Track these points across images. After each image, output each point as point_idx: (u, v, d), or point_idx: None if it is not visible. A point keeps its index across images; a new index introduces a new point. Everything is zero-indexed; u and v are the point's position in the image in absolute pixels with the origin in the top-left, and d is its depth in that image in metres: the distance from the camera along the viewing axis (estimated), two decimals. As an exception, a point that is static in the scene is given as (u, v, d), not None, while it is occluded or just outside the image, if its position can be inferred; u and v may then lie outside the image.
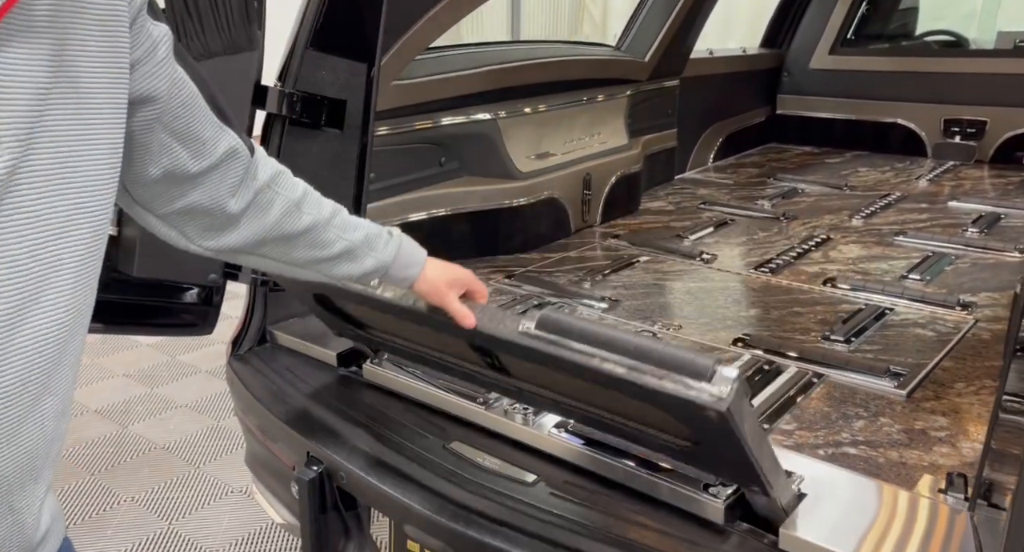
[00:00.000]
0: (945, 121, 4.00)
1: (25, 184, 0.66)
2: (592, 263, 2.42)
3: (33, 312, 0.68)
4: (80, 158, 0.71)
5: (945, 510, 1.20)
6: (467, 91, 2.36)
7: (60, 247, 0.70)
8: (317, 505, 1.55)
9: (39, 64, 0.67)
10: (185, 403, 3.32)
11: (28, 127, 0.66)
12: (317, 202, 1.03)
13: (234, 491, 2.72)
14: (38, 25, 0.67)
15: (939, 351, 1.77)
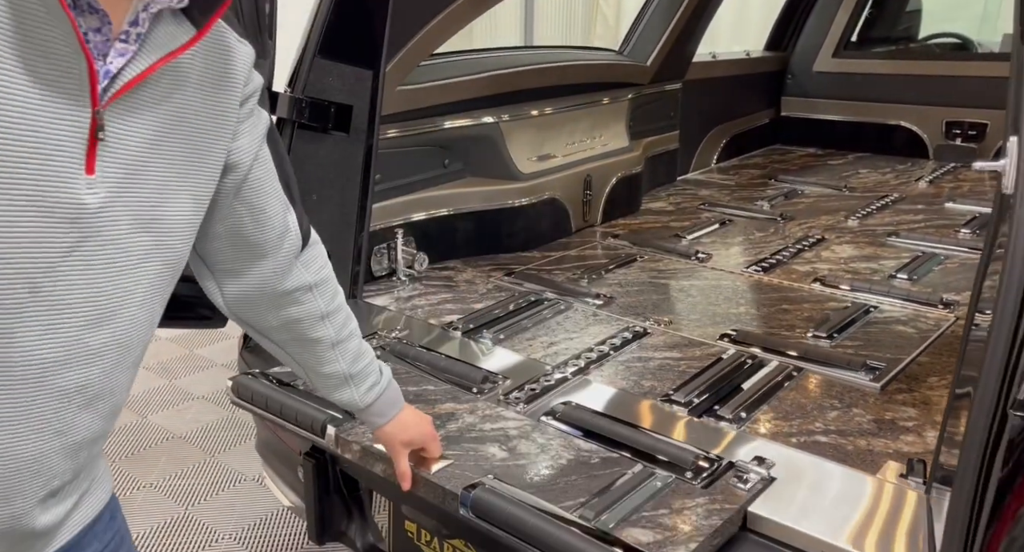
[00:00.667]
0: (947, 123, 4.04)
1: (118, 220, 0.77)
2: (591, 261, 2.51)
3: (103, 329, 0.79)
4: (169, 207, 0.83)
5: (904, 493, 1.29)
6: (470, 95, 2.45)
7: (136, 277, 0.81)
8: (321, 488, 1.65)
9: (154, 125, 0.80)
10: (201, 394, 3.45)
11: (131, 173, 0.78)
12: (339, 321, 1.12)
13: (247, 479, 2.83)
14: (160, 93, 0.80)
15: (917, 347, 1.85)
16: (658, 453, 1.39)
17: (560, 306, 2.11)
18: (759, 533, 1.25)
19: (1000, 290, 0.97)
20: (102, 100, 0.74)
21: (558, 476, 1.33)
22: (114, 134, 0.76)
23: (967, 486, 1.01)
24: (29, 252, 0.71)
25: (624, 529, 1.18)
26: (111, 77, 0.75)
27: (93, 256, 0.76)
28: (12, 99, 0.68)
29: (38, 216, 0.71)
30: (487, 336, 1.91)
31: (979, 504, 1.01)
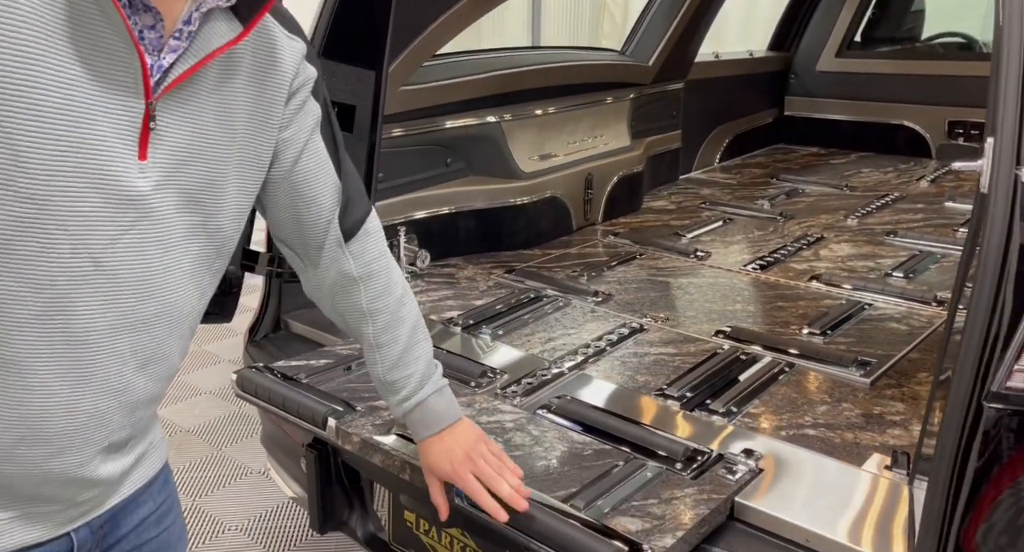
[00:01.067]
0: (950, 123, 4.06)
1: (168, 202, 0.84)
2: (591, 259, 2.54)
3: (154, 300, 0.86)
4: (217, 191, 0.89)
5: (887, 484, 1.32)
6: (472, 95, 2.49)
7: (182, 254, 0.88)
8: (323, 479, 1.70)
9: (203, 115, 0.86)
10: (209, 390, 3.50)
11: (181, 160, 0.84)
12: (382, 323, 1.13)
13: (253, 472, 2.89)
14: (210, 85, 0.86)
15: (908, 344, 1.88)
16: (649, 445, 1.43)
17: (559, 303, 2.15)
18: (746, 522, 1.28)
19: (975, 286, 1.00)
20: (155, 93, 0.80)
21: (551, 467, 1.37)
22: (165, 123, 0.82)
23: (943, 475, 1.04)
24: (92, 229, 0.78)
25: (614, 517, 1.22)
26: (163, 71, 0.81)
27: (146, 234, 0.83)
28: (73, 92, 0.74)
29: (98, 198, 0.78)
30: (486, 332, 1.95)
31: (954, 492, 1.04)
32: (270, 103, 0.93)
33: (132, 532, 0.98)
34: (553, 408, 1.57)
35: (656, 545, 1.15)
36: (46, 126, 0.73)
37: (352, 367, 1.73)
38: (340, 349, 1.82)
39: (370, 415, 1.53)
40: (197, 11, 0.81)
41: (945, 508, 1.04)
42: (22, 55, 0.71)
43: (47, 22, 0.72)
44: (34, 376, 0.80)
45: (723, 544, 1.25)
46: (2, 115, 0.71)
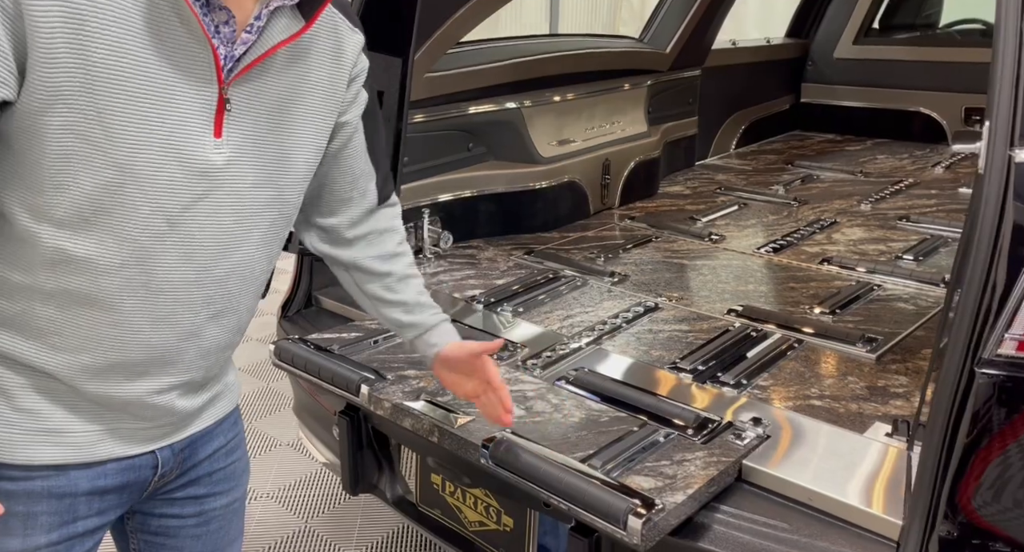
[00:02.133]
0: (966, 110, 4.08)
1: (243, 176, 0.96)
2: (607, 242, 2.62)
3: (226, 260, 0.98)
4: (286, 166, 1.02)
5: (888, 450, 1.40)
6: (494, 82, 2.57)
7: (255, 223, 1.00)
8: (354, 443, 1.80)
9: (273, 98, 0.98)
10: (239, 366, 3.62)
11: (253, 138, 0.96)
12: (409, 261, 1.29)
13: (282, 444, 3.01)
14: (278, 73, 0.98)
15: (915, 322, 1.95)
16: (662, 413, 1.51)
17: (576, 283, 2.23)
18: (753, 484, 1.37)
19: (970, 260, 1.08)
20: (226, 79, 0.93)
21: (570, 432, 1.46)
22: (238, 106, 0.95)
23: (936, 435, 1.12)
24: (169, 194, 0.91)
25: (628, 476, 1.31)
26: (235, 61, 0.93)
27: (220, 202, 0.96)
28: (154, 79, 0.88)
29: (177, 168, 0.91)
30: (507, 309, 2.05)
31: (947, 451, 1.12)
32: (333, 89, 1.06)
33: (207, 460, 1.14)
34: (571, 379, 1.66)
35: (668, 501, 1.24)
36: (131, 106, 0.87)
37: (379, 340, 1.83)
38: (369, 324, 1.92)
39: (400, 383, 1.62)
40: (266, 8, 0.94)
41: (938, 466, 1.12)
42: (111, 49, 0.85)
43: (133, 22, 0.86)
44: (119, 314, 0.94)
45: (731, 502, 1.34)
46: (95, 98, 0.85)
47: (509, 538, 1.61)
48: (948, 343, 1.11)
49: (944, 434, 1.11)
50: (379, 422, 1.74)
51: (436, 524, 1.76)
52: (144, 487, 1.08)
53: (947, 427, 1.11)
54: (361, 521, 2.58)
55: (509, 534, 1.61)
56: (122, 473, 1.04)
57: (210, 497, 1.16)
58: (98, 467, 1.01)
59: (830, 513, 1.28)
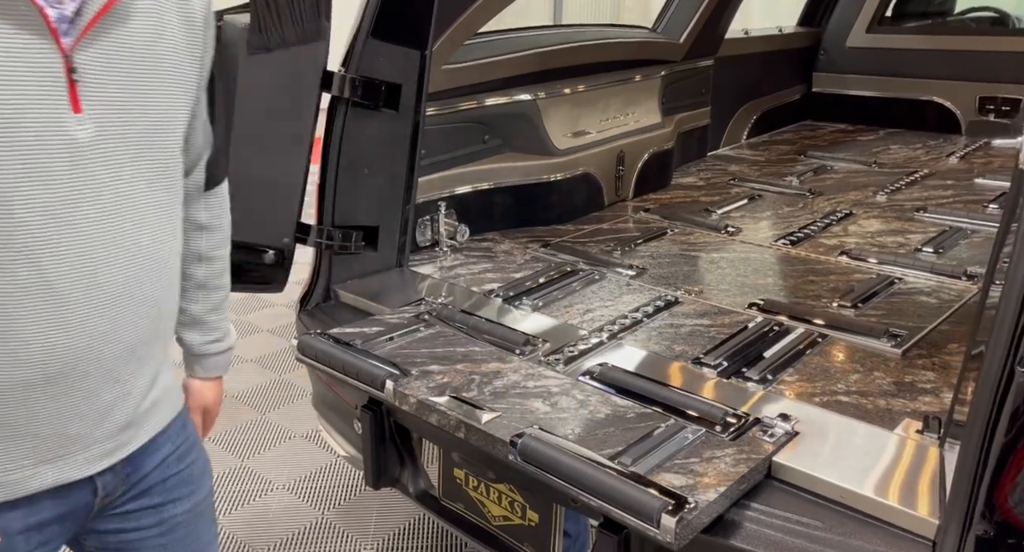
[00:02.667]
0: (980, 99, 4.05)
1: (114, 149, 0.89)
2: (623, 234, 2.61)
3: (119, 244, 0.91)
4: (160, 133, 0.94)
5: (919, 447, 1.39)
6: (509, 74, 2.55)
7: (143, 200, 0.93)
8: (377, 438, 1.80)
9: (129, 61, 0.90)
10: (251, 358, 3.63)
11: (118, 107, 0.89)
12: (215, 270, 1.23)
13: (296, 436, 3.02)
14: (128, 32, 0.89)
15: (938, 316, 1.94)
16: (689, 409, 1.51)
17: (595, 276, 2.22)
18: (782, 481, 1.36)
19: (1012, 258, 1.06)
20: (68, 45, 0.84)
21: (596, 428, 1.45)
22: (91, 73, 0.86)
23: (976, 435, 1.11)
24: (38, 183, 0.83)
25: (659, 474, 1.30)
26: (69, 22, 0.84)
27: (97, 183, 0.88)
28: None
29: (39, 153, 0.83)
30: (527, 303, 2.04)
31: (985, 451, 1.11)
32: (191, 42, 0.98)
33: (155, 470, 1.07)
34: (595, 374, 1.65)
35: (700, 499, 1.23)
36: None
37: (399, 335, 1.82)
38: (389, 318, 1.91)
39: (424, 379, 1.62)
40: None
41: (977, 465, 1.11)
42: None
43: None
44: (16, 322, 0.85)
45: (761, 500, 1.33)
46: None
47: (534, 533, 1.61)
48: (989, 342, 1.10)
49: (984, 433, 1.10)
50: (402, 417, 1.73)
51: (459, 518, 1.76)
52: (88, 512, 1.01)
53: (987, 426, 1.10)
54: (377, 513, 2.59)
55: (534, 529, 1.61)
56: (58, 504, 0.96)
57: (168, 505, 1.09)
58: (30, 504, 0.93)
59: (863, 511, 1.27)
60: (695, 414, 1.49)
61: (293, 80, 1.96)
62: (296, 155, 2.00)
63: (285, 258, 2.09)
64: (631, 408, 1.52)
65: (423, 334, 1.83)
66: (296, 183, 2.03)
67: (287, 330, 3.86)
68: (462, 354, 1.73)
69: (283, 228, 2.05)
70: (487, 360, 1.71)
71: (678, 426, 1.45)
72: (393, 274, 2.24)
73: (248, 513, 2.58)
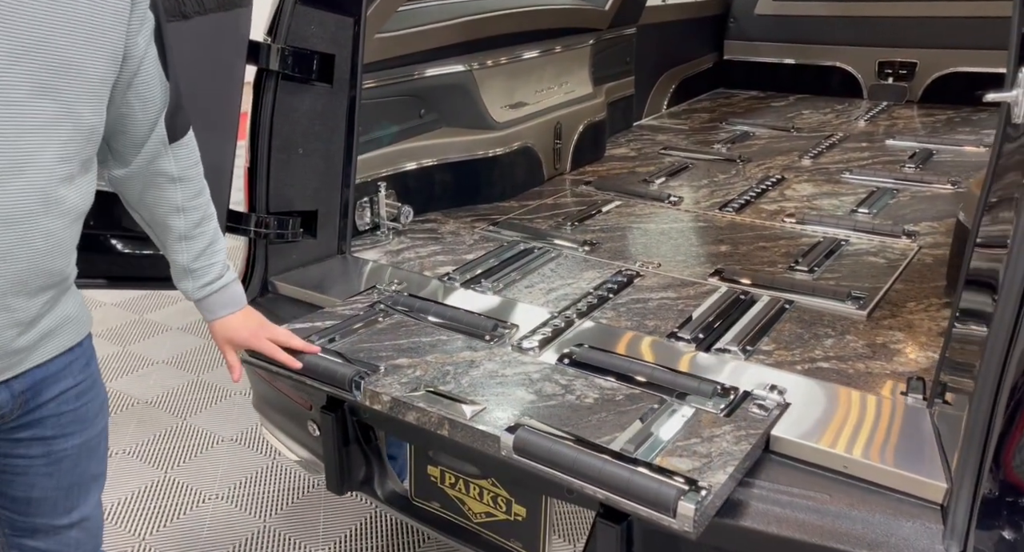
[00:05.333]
0: (879, 63, 4.21)
1: (16, 86, 0.92)
2: (568, 209, 2.54)
3: (18, 180, 0.95)
4: (70, 77, 0.97)
5: (908, 409, 1.40)
6: (445, 42, 2.41)
7: (42, 140, 0.96)
8: (340, 440, 1.66)
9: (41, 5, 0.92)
10: (161, 359, 3.35)
11: (25, 46, 0.91)
12: (193, 219, 1.29)
13: (225, 439, 2.80)
14: None
15: (891, 276, 1.97)
16: (678, 387, 1.46)
17: (550, 254, 2.14)
18: (782, 454, 1.34)
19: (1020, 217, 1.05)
20: None
21: (588, 414, 1.38)
22: None
23: (986, 397, 1.11)
24: None
25: (664, 458, 1.24)
26: None
27: None
28: None
29: None
30: (486, 285, 1.93)
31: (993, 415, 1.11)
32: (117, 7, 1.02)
33: (52, 401, 1.13)
34: (574, 357, 1.58)
35: (712, 482, 1.18)
36: None
37: (359, 326, 1.68)
38: (342, 310, 1.77)
39: (394, 374, 1.50)
40: None
41: (986, 429, 1.11)
42: None
43: None
44: None
45: (764, 476, 1.30)
46: None
47: (521, 528, 1.53)
48: (997, 305, 1.09)
49: (994, 394, 1.10)
50: (369, 416, 1.60)
51: (435, 518, 1.66)
52: None
53: (997, 388, 1.10)
54: (325, 515, 2.44)
55: (521, 523, 1.53)
56: None
57: (59, 438, 1.15)
58: None
59: (868, 479, 1.26)
60: (685, 391, 1.44)
61: (214, 52, 1.76)
62: (221, 135, 1.80)
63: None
64: (618, 390, 1.46)
65: (383, 325, 1.70)
66: (223, 166, 1.83)
67: (200, 327, 3.59)
68: (430, 344, 1.61)
69: (212, 217, 1.85)
70: (458, 349, 1.60)
71: (671, 406, 1.40)
72: (335, 261, 2.08)
73: (177, 530, 2.37)
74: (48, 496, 1.18)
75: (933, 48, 4.05)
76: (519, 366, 1.54)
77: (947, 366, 1.35)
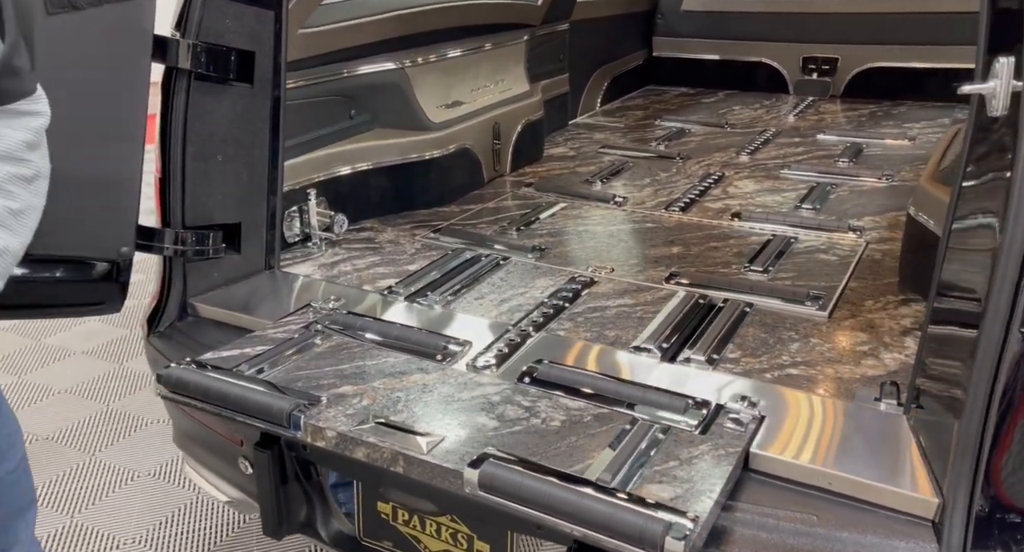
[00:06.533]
0: (803, 59, 4.27)
1: None
2: (512, 213, 2.42)
3: None
4: None
5: (884, 416, 1.34)
6: (374, 38, 2.25)
7: None
8: (277, 479, 1.50)
9: None
10: (64, 389, 3.06)
11: None
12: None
13: (142, 475, 2.56)
14: None
15: (844, 273, 1.94)
16: (647, 404, 1.36)
17: (498, 261, 2.02)
18: (763, 472, 1.26)
19: (1011, 212, 0.99)
20: None
21: (556, 439, 1.27)
22: None
23: (979, 405, 1.05)
24: None
25: (643, 486, 1.15)
26: None
27: None
28: None
29: None
30: (433, 298, 1.80)
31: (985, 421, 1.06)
32: None
33: None
34: (535, 375, 1.46)
35: (697, 510, 1.09)
36: None
37: (286, 356, 1.52)
38: (273, 333, 1.60)
39: (338, 404, 1.35)
40: None
41: (979, 442, 1.05)
42: None
43: None
44: None
45: (745, 498, 1.22)
46: None
47: (484, 565, 1.41)
48: (987, 306, 1.03)
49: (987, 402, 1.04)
50: (311, 453, 1.45)
51: (388, 558, 1.52)
52: None
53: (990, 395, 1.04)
54: (260, 551, 2.25)
55: (484, 560, 1.41)
56: None
57: None
58: None
59: (854, 497, 1.19)
60: (655, 408, 1.35)
61: (113, 48, 1.55)
62: (124, 141, 1.60)
63: (121, 270, 1.69)
64: (585, 410, 1.35)
65: (322, 348, 1.55)
66: (131, 177, 1.62)
67: (106, 351, 3.29)
68: (376, 368, 1.47)
69: (119, 234, 1.64)
70: (407, 372, 1.46)
71: (644, 426, 1.30)
72: (263, 278, 1.90)
73: (94, 580, 2.14)
74: None
75: (853, 44, 4.13)
76: (476, 388, 1.42)
77: (922, 373, 1.30)
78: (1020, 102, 1.00)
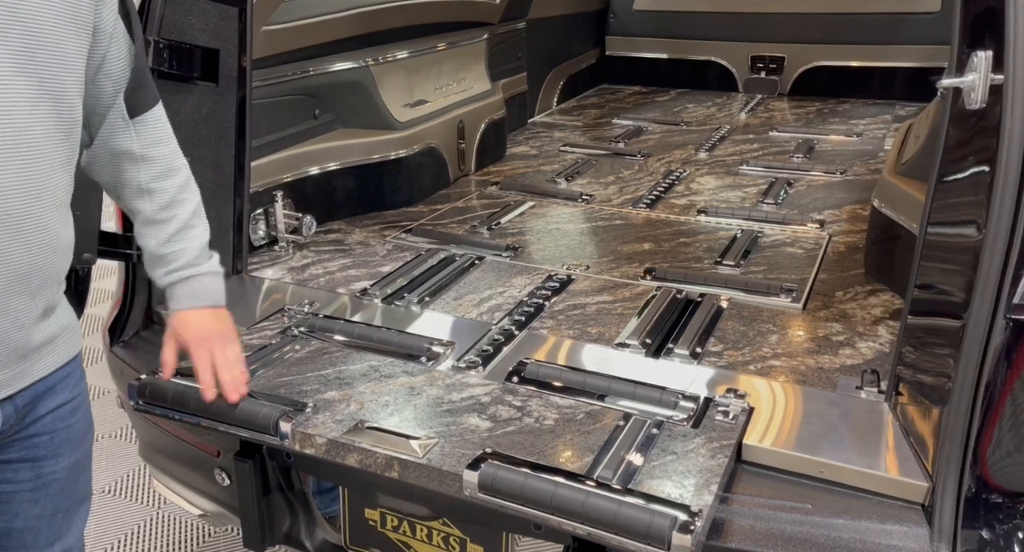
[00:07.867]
0: (751, 58, 4.36)
1: None
2: (481, 212, 2.41)
3: (10, 163, 0.90)
4: (47, 53, 0.93)
5: (867, 405, 1.37)
6: (336, 36, 2.21)
7: (28, 117, 0.92)
8: (260, 490, 1.45)
9: None
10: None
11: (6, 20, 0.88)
12: (160, 202, 1.18)
13: (96, 493, 2.45)
14: None
15: (812, 266, 1.98)
16: (638, 400, 1.37)
17: (472, 261, 2.00)
18: (755, 464, 1.27)
19: (995, 203, 1.03)
20: None
21: (551, 438, 1.26)
22: None
23: (966, 392, 1.08)
24: None
25: (645, 482, 1.14)
26: None
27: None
28: None
29: None
30: (410, 299, 1.77)
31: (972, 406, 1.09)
32: None
33: (47, 416, 1.06)
34: (523, 374, 1.45)
35: (700, 504, 1.10)
36: None
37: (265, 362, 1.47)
38: (248, 339, 1.55)
39: (326, 410, 1.31)
40: None
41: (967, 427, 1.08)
42: None
43: None
44: None
45: (740, 489, 1.23)
46: None
47: (478, 568, 1.39)
48: (974, 294, 1.06)
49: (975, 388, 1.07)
50: (295, 461, 1.40)
51: (376, 566, 1.48)
52: None
53: (977, 382, 1.07)
54: (230, 566, 2.18)
55: (478, 564, 1.39)
56: None
57: (48, 460, 1.09)
58: None
59: (846, 484, 1.21)
60: (646, 403, 1.35)
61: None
62: (85, 144, 1.53)
63: (80, 278, 1.62)
64: (577, 407, 1.35)
65: (301, 353, 1.50)
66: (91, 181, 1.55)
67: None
68: (360, 373, 1.43)
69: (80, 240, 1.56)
70: (392, 375, 1.43)
71: (638, 422, 1.30)
72: (231, 283, 1.83)
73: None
74: (31, 526, 1.10)
75: (799, 43, 4.24)
76: (465, 389, 1.40)
77: (900, 361, 1.33)
78: (1001, 94, 1.03)
